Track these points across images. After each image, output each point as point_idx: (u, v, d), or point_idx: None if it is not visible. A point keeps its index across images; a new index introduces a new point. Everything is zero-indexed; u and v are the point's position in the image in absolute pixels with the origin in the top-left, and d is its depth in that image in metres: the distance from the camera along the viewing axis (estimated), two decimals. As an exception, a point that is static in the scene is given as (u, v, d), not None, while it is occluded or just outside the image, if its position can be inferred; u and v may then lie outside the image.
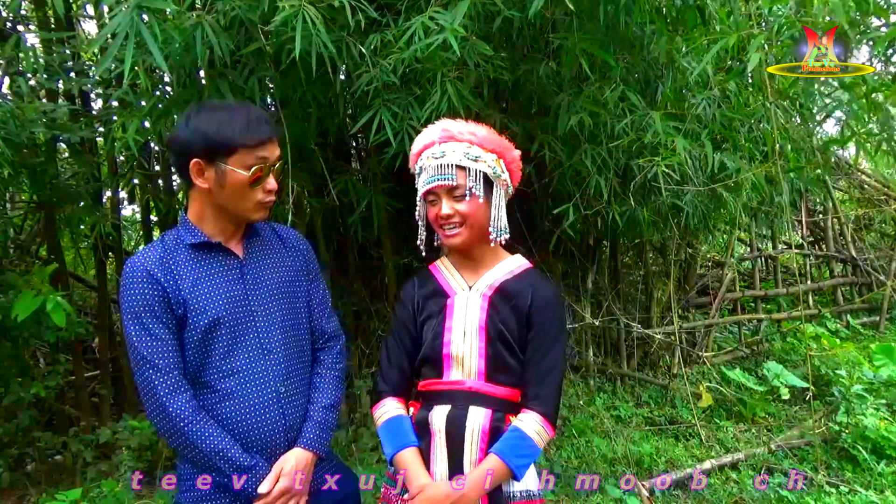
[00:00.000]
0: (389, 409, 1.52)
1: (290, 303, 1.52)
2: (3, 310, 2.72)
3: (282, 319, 1.49)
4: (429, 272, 1.61)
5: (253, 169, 1.37)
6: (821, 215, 6.54)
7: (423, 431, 1.50)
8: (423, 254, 1.59)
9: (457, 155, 1.44)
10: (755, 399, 4.13)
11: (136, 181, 3.39)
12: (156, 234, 3.99)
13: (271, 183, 1.43)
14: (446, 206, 1.45)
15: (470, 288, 1.52)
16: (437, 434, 1.47)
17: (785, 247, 6.46)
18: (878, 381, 4.09)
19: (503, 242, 1.53)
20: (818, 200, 6.39)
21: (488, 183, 1.47)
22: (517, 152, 1.56)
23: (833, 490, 3.08)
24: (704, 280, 5.64)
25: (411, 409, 1.55)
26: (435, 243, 1.61)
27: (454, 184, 1.43)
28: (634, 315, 4.55)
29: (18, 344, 3.09)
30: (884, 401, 3.81)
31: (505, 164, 1.50)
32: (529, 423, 1.42)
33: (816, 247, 6.69)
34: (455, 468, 1.45)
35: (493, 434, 1.45)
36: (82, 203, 3.24)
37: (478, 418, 1.45)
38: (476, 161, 1.44)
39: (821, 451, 3.40)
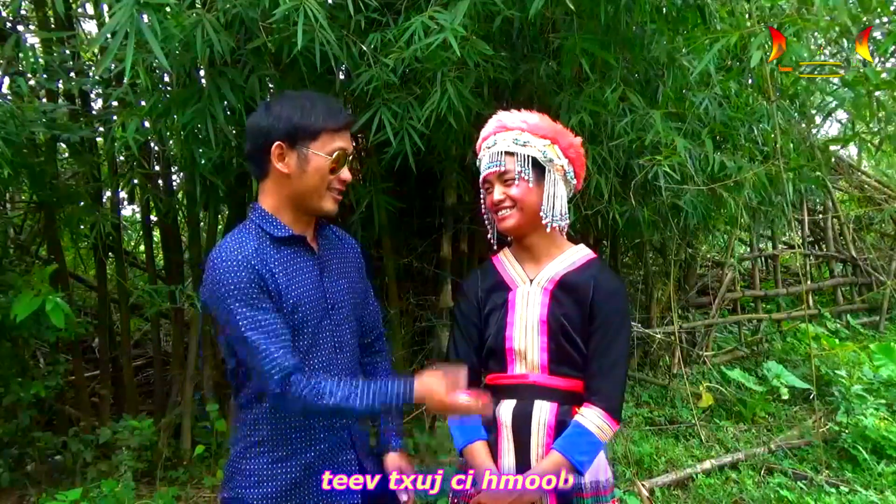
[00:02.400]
0: None
1: (356, 300, 1.54)
2: (3, 310, 2.72)
3: (352, 317, 1.51)
4: (491, 264, 1.62)
5: (335, 154, 1.38)
6: (821, 215, 6.54)
7: (490, 426, 1.52)
8: (495, 244, 1.62)
9: (506, 142, 1.48)
10: (755, 399, 4.13)
11: (136, 181, 3.38)
12: (156, 234, 4.00)
13: (346, 173, 1.43)
14: (498, 192, 1.49)
15: (531, 281, 1.53)
16: (505, 428, 1.49)
17: (785, 247, 6.46)
18: (877, 381, 4.09)
19: (561, 230, 1.53)
20: (818, 200, 6.39)
21: (540, 168, 1.48)
22: (577, 139, 1.56)
23: (833, 490, 3.08)
24: (704, 280, 5.64)
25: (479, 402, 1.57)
26: (489, 238, 1.63)
27: (503, 169, 1.47)
28: (634, 315, 4.55)
29: (18, 344, 3.09)
30: (884, 401, 3.82)
31: (560, 150, 1.51)
32: (591, 419, 1.43)
33: (816, 247, 6.69)
34: (522, 462, 1.47)
35: (559, 427, 1.46)
36: (82, 203, 3.23)
37: (543, 412, 1.47)
38: (524, 146, 1.47)
39: (822, 452, 3.40)
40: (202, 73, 2.34)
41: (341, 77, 2.58)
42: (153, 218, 3.69)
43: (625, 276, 4.93)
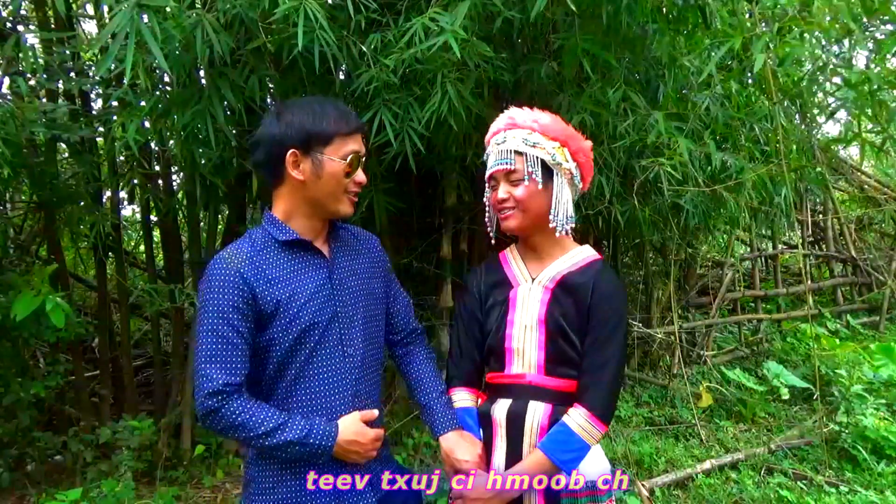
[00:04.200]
0: (457, 399, 1.57)
1: (370, 303, 1.53)
2: (3, 310, 2.72)
3: (363, 320, 1.49)
4: (497, 260, 1.62)
5: (349, 158, 1.39)
6: (821, 215, 6.54)
7: (485, 423, 1.53)
8: (493, 239, 1.62)
9: (516, 141, 1.47)
10: (755, 399, 4.13)
11: (136, 181, 3.38)
12: (156, 234, 4.00)
13: (361, 175, 1.45)
14: (502, 191, 1.48)
15: (533, 279, 1.53)
16: (499, 427, 1.50)
17: (785, 247, 6.46)
18: (878, 381, 4.09)
19: (567, 232, 1.51)
20: (818, 200, 6.39)
21: (548, 170, 1.47)
22: (587, 143, 1.55)
23: (833, 490, 3.08)
24: (704, 280, 5.64)
25: (479, 401, 1.58)
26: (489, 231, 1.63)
27: (511, 168, 1.46)
28: (634, 315, 4.55)
29: (18, 344, 3.08)
30: (884, 401, 3.82)
31: (570, 154, 1.50)
32: (576, 419, 1.41)
33: (816, 247, 6.69)
34: (513, 462, 1.47)
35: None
36: (82, 203, 3.23)
37: (537, 413, 1.46)
38: (534, 147, 1.46)
39: (822, 452, 3.40)
40: (202, 73, 2.33)
41: (341, 77, 2.58)
42: (153, 218, 3.69)
43: (625, 275, 4.93)
